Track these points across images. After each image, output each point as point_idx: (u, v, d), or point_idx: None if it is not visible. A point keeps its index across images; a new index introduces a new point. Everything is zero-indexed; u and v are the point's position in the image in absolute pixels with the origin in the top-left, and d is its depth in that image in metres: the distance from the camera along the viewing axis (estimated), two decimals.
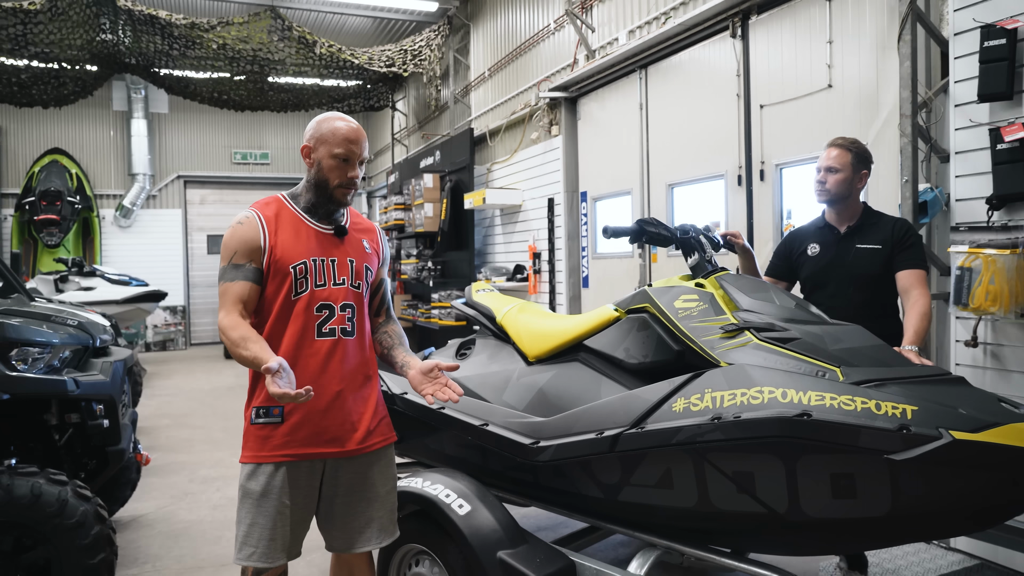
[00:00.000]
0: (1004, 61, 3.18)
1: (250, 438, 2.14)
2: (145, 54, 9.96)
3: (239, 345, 2.00)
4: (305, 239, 2.20)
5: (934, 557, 3.49)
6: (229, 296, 2.10)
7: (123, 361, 3.53)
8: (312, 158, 2.21)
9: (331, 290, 2.19)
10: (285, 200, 2.26)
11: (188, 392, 8.92)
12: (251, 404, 2.16)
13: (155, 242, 14.10)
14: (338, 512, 2.20)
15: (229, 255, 2.12)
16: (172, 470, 5.37)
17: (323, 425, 2.14)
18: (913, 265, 2.82)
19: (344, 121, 2.23)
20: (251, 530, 2.08)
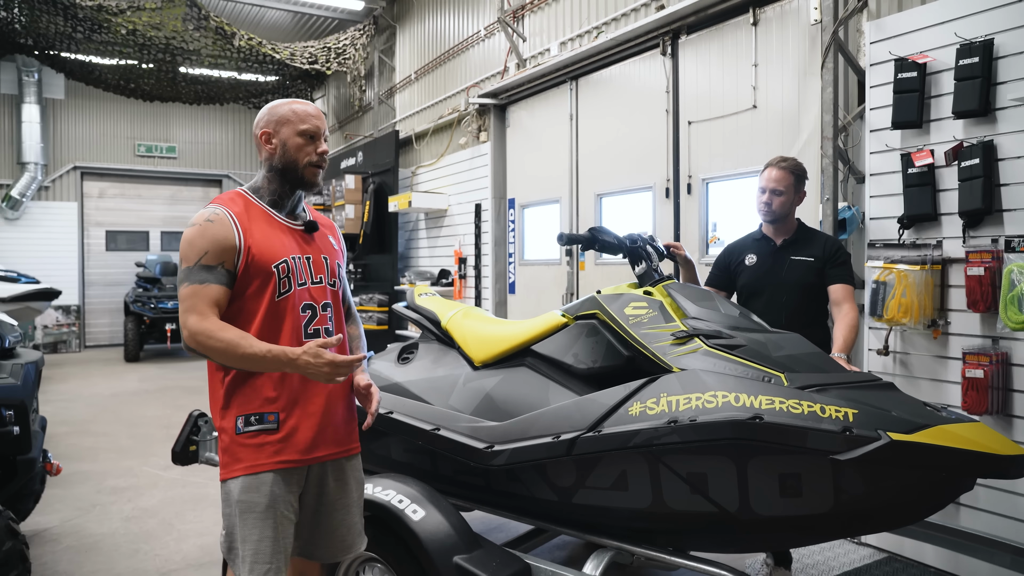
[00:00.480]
0: (915, 92, 3.47)
1: (241, 448, 1.98)
2: (45, 35, 9.29)
3: (239, 345, 1.87)
4: (279, 235, 2.08)
5: (847, 552, 3.73)
6: (202, 299, 1.92)
7: (34, 363, 3.28)
8: (275, 142, 2.09)
9: (311, 289, 2.11)
10: (248, 195, 2.12)
11: (87, 398, 8.35)
12: (233, 412, 1.99)
13: (47, 237, 13.12)
14: (323, 520, 2.13)
15: (197, 255, 1.95)
16: (77, 480, 5.02)
17: (316, 430, 2.07)
18: (844, 280, 3.03)
19: (299, 102, 2.16)
20: (261, 545, 1.95)
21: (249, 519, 1.96)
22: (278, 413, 2.01)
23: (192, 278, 1.94)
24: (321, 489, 2.12)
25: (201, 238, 1.96)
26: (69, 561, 3.67)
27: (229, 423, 2.00)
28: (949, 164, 3.37)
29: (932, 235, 3.48)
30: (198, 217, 2.01)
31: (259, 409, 1.99)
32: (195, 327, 1.89)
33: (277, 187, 2.13)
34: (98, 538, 3.99)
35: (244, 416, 1.99)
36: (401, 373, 3.13)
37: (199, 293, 1.93)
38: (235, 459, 1.99)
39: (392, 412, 2.77)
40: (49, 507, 4.41)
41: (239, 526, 1.97)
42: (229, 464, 1.99)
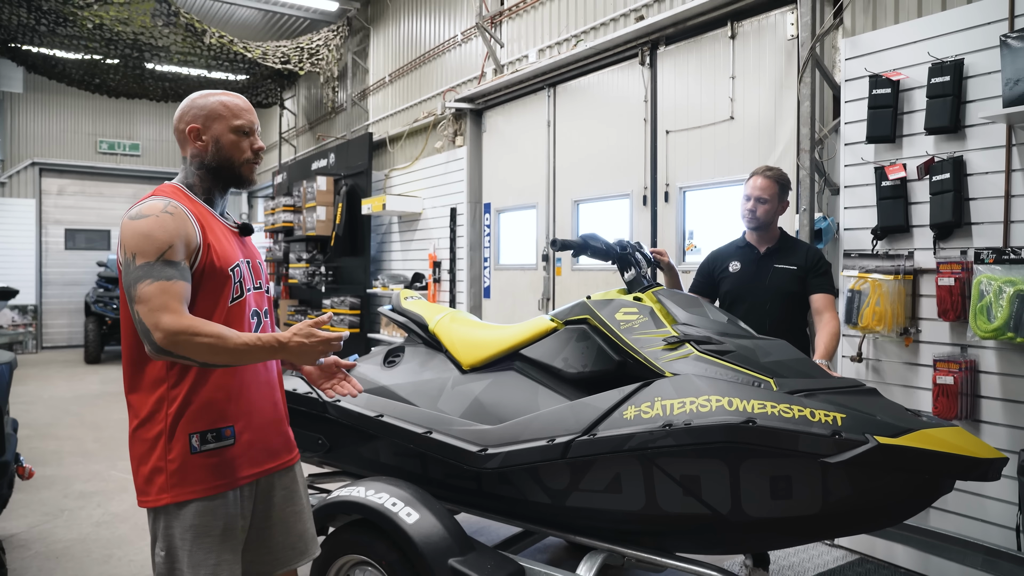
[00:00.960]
0: (889, 108, 3.59)
1: (196, 469, 1.83)
2: (6, 27, 9.02)
3: (229, 338, 1.74)
4: (228, 237, 1.99)
5: (821, 554, 3.83)
6: (173, 296, 1.73)
7: (8, 364, 3.20)
8: (205, 139, 1.95)
9: (256, 294, 2.03)
10: (185, 190, 1.97)
11: (47, 400, 8.12)
12: (183, 431, 1.83)
13: (3, 234, 12.72)
14: (276, 529, 2.04)
15: (158, 249, 1.76)
16: (41, 485, 4.88)
17: (268, 439, 2.01)
18: (826, 290, 3.14)
19: (227, 94, 2.02)
20: (219, 570, 1.85)
21: (203, 544, 1.84)
22: (233, 426, 1.90)
23: (156, 274, 1.74)
24: (269, 502, 2.03)
25: (162, 231, 1.78)
26: (39, 568, 3.57)
27: (180, 443, 1.83)
28: (921, 178, 3.50)
29: (904, 246, 3.61)
30: (149, 208, 1.82)
31: (213, 425, 1.87)
32: (173, 326, 1.70)
33: (210, 185, 2.01)
34: (68, 544, 3.89)
35: (199, 434, 1.85)
36: (388, 376, 3.12)
37: (168, 290, 1.74)
38: (189, 480, 1.83)
39: (383, 415, 2.77)
40: (14, 512, 4.29)
41: (191, 551, 1.83)
42: (178, 486, 1.82)
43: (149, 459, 1.83)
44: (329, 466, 3.29)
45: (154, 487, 1.82)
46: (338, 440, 2.99)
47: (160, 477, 1.82)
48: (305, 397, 3.00)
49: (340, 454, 3.04)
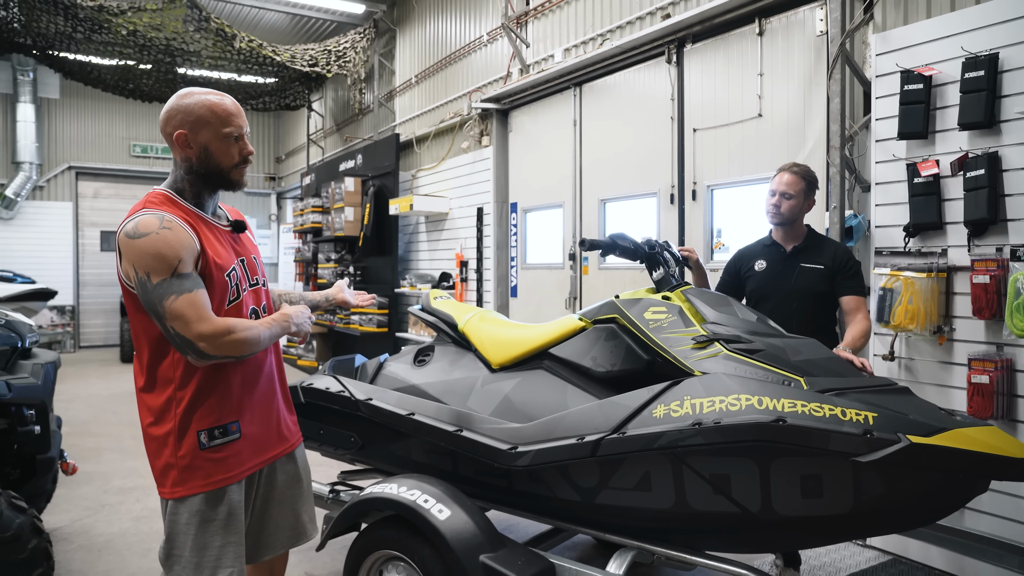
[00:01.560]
0: (921, 104, 3.55)
1: (203, 463, 1.95)
2: (44, 35, 9.25)
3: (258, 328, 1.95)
4: (221, 242, 2.04)
5: (853, 554, 3.80)
6: (202, 305, 1.85)
7: (53, 363, 3.30)
8: (194, 146, 1.96)
9: (253, 292, 2.12)
10: (174, 196, 2.00)
11: (85, 398, 8.33)
12: (192, 430, 1.94)
13: (42, 237, 13.06)
14: (277, 512, 2.20)
15: (170, 265, 1.83)
16: (82, 480, 5.02)
17: (269, 430, 2.14)
18: (856, 292, 3.12)
19: (213, 95, 2.00)
20: (224, 551, 1.97)
21: (209, 529, 1.95)
22: (239, 421, 2.02)
23: (176, 289, 1.82)
24: (271, 486, 2.17)
25: (168, 247, 1.84)
26: (82, 560, 3.69)
27: (189, 441, 1.94)
28: (954, 174, 3.45)
29: (937, 243, 3.56)
30: (144, 225, 1.85)
31: (219, 421, 1.97)
32: (212, 331, 1.83)
33: (200, 189, 2.03)
34: (109, 538, 4.00)
35: (207, 431, 1.95)
36: (418, 375, 3.17)
37: (195, 302, 1.83)
38: (196, 475, 1.94)
39: (414, 413, 2.81)
40: (58, 507, 4.42)
41: (195, 535, 1.94)
42: (186, 481, 1.94)
43: (162, 455, 1.96)
44: (361, 463, 3.35)
45: (168, 480, 1.95)
46: (370, 438, 3.04)
47: (173, 472, 1.94)
48: (338, 396, 3.05)
49: (372, 452, 3.09)
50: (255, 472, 2.10)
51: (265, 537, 2.18)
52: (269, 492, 2.17)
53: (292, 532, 2.23)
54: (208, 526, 1.95)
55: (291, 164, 14.67)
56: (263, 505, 2.16)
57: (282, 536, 2.21)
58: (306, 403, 3.15)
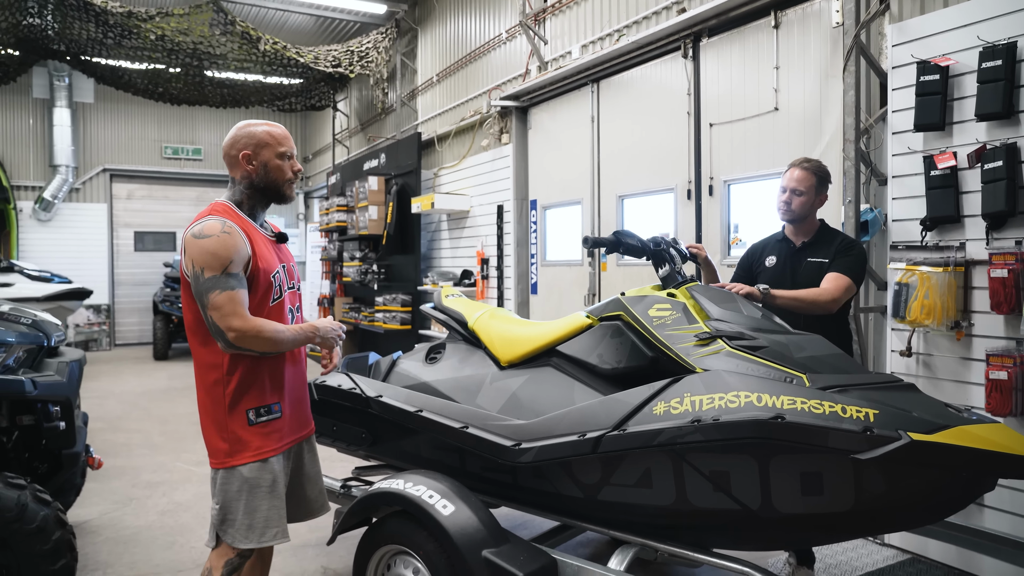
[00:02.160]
0: (938, 95, 3.48)
1: (253, 437, 2.28)
2: (76, 41, 9.52)
3: (282, 331, 2.25)
4: (268, 248, 2.38)
5: (870, 552, 3.76)
6: (239, 303, 2.18)
7: (78, 361, 3.41)
8: (255, 164, 2.33)
9: (291, 294, 2.48)
10: (233, 208, 2.36)
11: (119, 395, 8.56)
12: (242, 407, 2.28)
13: (78, 237, 13.43)
14: (299, 488, 2.52)
15: (223, 263, 2.17)
16: (112, 475, 5.17)
17: (300, 412, 2.50)
18: (837, 268, 3.02)
19: (271, 124, 2.41)
20: (271, 513, 2.29)
21: (257, 494, 2.28)
22: (280, 403, 2.36)
23: (223, 285, 2.16)
24: (299, 461, 2.51)
25: (224, 249, 2.18)
26: (109, 552, 3.81)
27: (239, 417, 2.27)
28: (972, 166, 3.39)
29: (955, 237, 3.50)
30: (209, 228, 2.20)
31: (266, 401, 2.31)
32: (242, 327, 2.16)
33: (255, 202, 2.40)
34: (136, 530, 4.12)
35: (255, 409, 2.29)
36: (429, 373, 3.21)
37: (234, 299, 2.16)
38: (245, 447, 2.27)
39: (422, 410, 2.85)
40: (87, 500, 4.56)
41: (246, 500, 2.26)
42: (238, 452, 2.26)
43: (214, 430, 2.29)
44: (375, 459, 3.40)
45: (220, 453, 2.28)
46: (380, 434, 3.09)
47: (224, 445, 2.27)
48: (349, 393, 3.11)
49: (383, 448, 3.15)
50: (291, 447, 2.43)
51: (295, 505, 2.50)
52: (299, 467, 2.51)
53: (316, 503, 2.58)
54: (256, 491, 2.27)
55: (318, 164, 14.86)
56: (295, 478, 2.50)
57: (309, 506, 2.56)
58: (319, 400, 3.22)
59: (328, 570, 3.57)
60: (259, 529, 2.27)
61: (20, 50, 9.89)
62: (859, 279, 3.09)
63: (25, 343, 3.13)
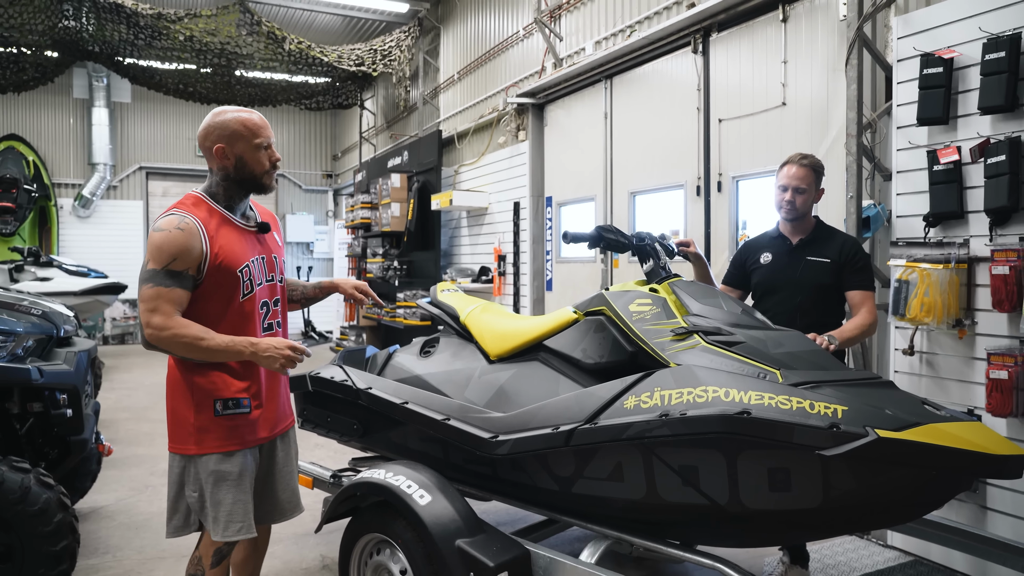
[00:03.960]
0: (941, 88, 3.40)
1: (217, 428, 2.24)
2: (109, 43, 9.82)
3: (203, 338, 2.12)
4: (240, 240, 2.30)
5: (872, 554, 3.70)
6: (166, 300, 2.11)
7: (87, 351, 3.54)
8: (231, 156, 2.25)
9: (266, 287, 2.38)
10: (207, 199, 2.28)
11: (148, 386, 8.82)
12: (210, 399, 2.23)
13: (115, 234, 13.85)
14: (274, 484, 2.46)
15: (165, 260, 2.11)
16: (132, 463, 5.34)
17: (273, 411, 2.41)
18: (863, 286, 3.05)
19: (244, 111, 2.29)
20: (235, 508, 2.24)
21: (222, 487, 2.24)
22: (250, 399, 2.29)
23: (157, 281, 2.10)
24: (271, 459, 2.44)
25: (170, 245, 2.12)
26: (120, 537, 3.94)
27: (205, 406, 2.23)
28: (975, 161, 3.31)
29: (959, 233, 3.42)
30: (167, 223, 2.15)
31: (235, 395, 2.26)
32: (160, 324, 2.09)
33: (233, 193, 2.31)
34: (148, 516, 4.26)
35: (222, 401, 2.24)
36: (422, 366, 3.26)
37: (163, 295, 2.10)
38: (208, 436, 2.23)
39: (407, 402, 2.90)
40: (107, 486, 4.72)
41: (211, 492, 2.23)
42: (203, 441, 2.22)
43: (179, 415, 2.25)
44: (370, 451, 3.47)
45: (181, 438, 2.24)
46: (370, 425, 3.16)
47: (195, 435, 2.22)
48: (341, 384, 3.18)
49: (373, 439, 3.21)
50: (261, 444, 2.36)
51: (263, 505, 2.43)
52: (270, 466, 2.44)
53: (288, 505, 2.50)
54: (221, 484, 2.23)
55: (346, 161, 15.07)
56: (265, 476, 2.42)
57: (278, 508, 2.48)
58: (314, 391, 3.29)
59: (326, 558, 3.65)
60: (223, 523, 2.22)
61: (58, 52, 10.23)
62: (875, 287, 3.17)
63: (35, 333, 3.26)
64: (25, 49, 9.91)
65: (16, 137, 13.12)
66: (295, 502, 2.53)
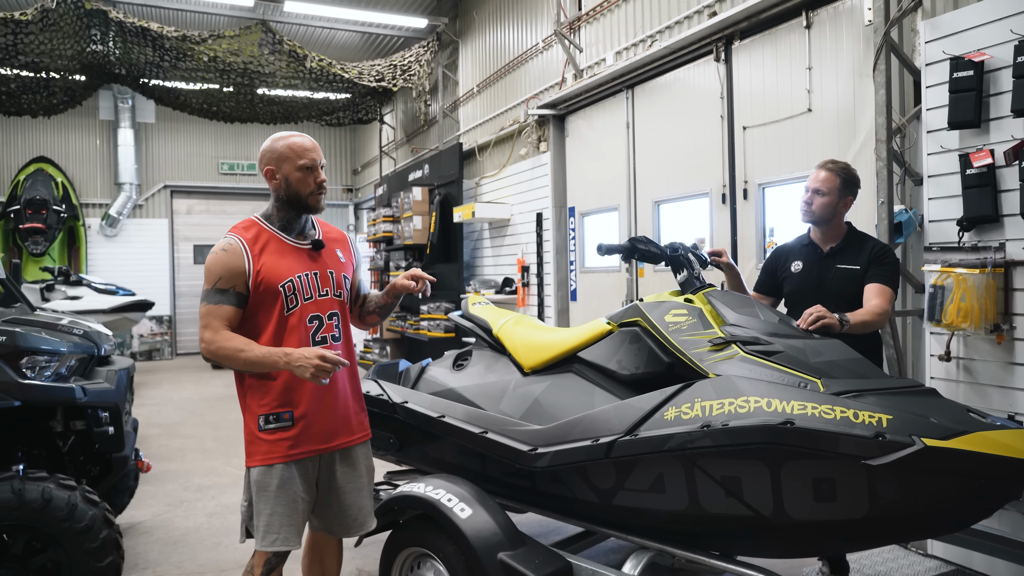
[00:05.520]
0: (972, 91, 3.38)
1: (261, 443, 2.34)
2: (135, 65, 10.03)
3: (243, 350, 2.25)
4: (287, 257, 2.40)
5: (912, 563, 3.65)
6: (215, 316, 2.29)
7: (126, 370, 3.61)
8: (278, 178, 2.39)
9: (318, 301, 2.43)
10: (261, 222, 2.44)
11: (177, 402, 8.93)
12: (254, 412, 2.35)
13: (141, 252, 14.07)
14: (335, 501, 2.46)
15: (213, 279, 2.31)
16: (166, 479, 5.41)
17: (324, 424, 2.40)
18: (880, 279, 2.93)
19: (295, 136, 2.44)
20: (272, 519, 2.30)
21: (263, 497, 2.32)
22: (292, 412, 2.35)
23: (208, 299, 2.31)
24: (331, 474, 2.45)
25: (216, 265, 2.31)
26: (159, 552, 3.99)
27: (252, 420, 2.36)
28: (1009, 164, 3.28)
29: (994, 237, 3.38)
30: (217, 246, 2.36)
31: (276, 409, 2.34)
32: (208, 339, 2.28)
33: (286, 214, 2.45)
34: (184, 531, 4.31)
35: (264, 415, 2.34)
36: (455, 379, 3.28)
37: (213, 312, 2.29)
38: (256, 451, 2.34)
39: (444, 416, 2.92)
40: (142, 503, 4.79)
41: (254, 502, 2.34)
42: (252, 454, 2.35)
43: (245, 427, 2.40)
44: (406, 464, 3.49)
45: (246, 452, 2.38)
46: (407, 439, 3.18)
47: (248, 447, 2.37)
48: (377, 399, 3.20)
49: (410, 452, 3.23)
50: (312, 459, 2.38)
51: (330, 518, 2.48)
52: (330, 480, 2.45)
53: (354, 522, 2.50)
54: (262, 495, 2.32)
55: (366, 176, 15.20)
56: (327, 490, 2.44)
57: (343, 523, 2.49)
58: None
59: (363, 571, 3.67)
60: (262, 532, 2.30)
61: (86, 75, 10.45)
62: (897, 287, 3.04)
63: (77, 352, 3.33)
64: (55, 74, 10.14)
65: (45, 159, 13.40)
66: (360, 519, 2.50)
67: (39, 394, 3.04)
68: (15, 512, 2.75)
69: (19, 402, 2.97)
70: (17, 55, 9.23)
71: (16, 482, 2.79)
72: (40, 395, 3.05)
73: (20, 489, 2.77)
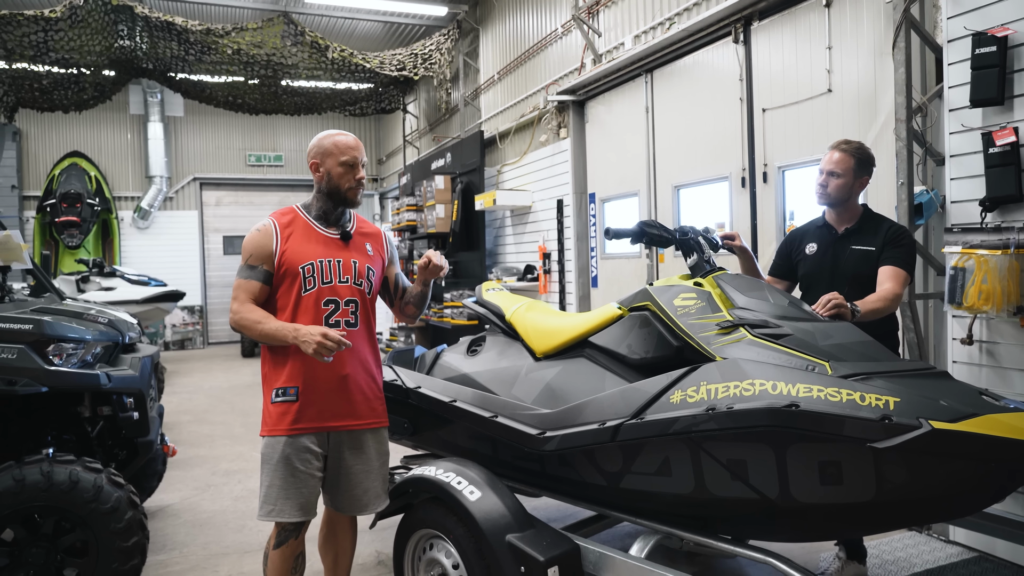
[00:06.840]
0: (995, 68, 3.30)
1: (269, 415, 2.51)
2: (162, 59, 10.19)
3: (261, 321, 2.44)
4: (314, 243, 2.58)
5: (932, 550, 3.61)
6: (243, 290, 2.51)
7: (150, 357, 3.70)
8: (321, 171, 2.59)
9: (336, 287, 2.56)
10: (299, 210, 2.65)
11: (207, 390, 9.13)
12: (269, 385, 2.53)
13: (172, 243, 14.36)
14: (342, 479, 2.58)
15: (246, 256, 2.54)
16: (194, 464, 5.55)
17: (326, 404, 2.52)
18: (895, 262, 2.88)
19: (341, 135, 2.62)
20: (270, 491, 2.46)
21: (264, 469, 2.49)
22: (298, 387, 2.49)
23: (240, 273, 2.54)
24: (339, 455, 2.57)
25: (250, 243, 2.55)
26: (186, 534, 4.11)
27: (267, 394, 2.54)
28: None
29: (1017, 217, 3.30)
30: (254, 226, 2.59)
31: (284, 384, 2.49)
32: (235, 309, 2.50)
33: (323, 205, 2.63)
34: (211, 514, 4.43)
35: (276, 389, 2.51)
36: (469, 364, 3.31)
37: (242, 286, 2.51)
38: (265, 422, 2.53)
39: (456, 400, 2.95)
40: (171, 487, 4.92)
41: (260, 473, 2.51)
42: (263, 424, 2.53)
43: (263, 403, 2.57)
44: (421, 448, 3.54)
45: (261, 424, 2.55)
46: (420, 423, 3.22)
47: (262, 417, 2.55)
48: (391, 384, 3.24)
49: (424, 437, 3.27)
50: (318, 435, 2.50)
51: (338, 496, 2.61)
52: (338, 460, 2.56)
53: (359, 502, 2.61)
54: (264, 466, 2.49)
55: (391, 165, 15.29)
56: (335, 470, 2.56)
57: (350, 502, 2.61)
58: None
59: (381, 554, 3.74)
60: (261, 499, 2.47)
61: (114, 71, 10.65)
62: (913, 270, 2.98)
63: (102, 340, 3.43)
64: (85, 69, 10.34)
65: (79, 154, 13.72)
66: (366, 500, 2.61)
67: (65, 380, 3.14)
68: (44, 493, 2.85)
69: (46, 388, 3.07)
70: (48, 52, 9.44)
71: (45, 464, 2.89)
72: (66, 381, 3.14)
73: (48, 471, 2.87)
